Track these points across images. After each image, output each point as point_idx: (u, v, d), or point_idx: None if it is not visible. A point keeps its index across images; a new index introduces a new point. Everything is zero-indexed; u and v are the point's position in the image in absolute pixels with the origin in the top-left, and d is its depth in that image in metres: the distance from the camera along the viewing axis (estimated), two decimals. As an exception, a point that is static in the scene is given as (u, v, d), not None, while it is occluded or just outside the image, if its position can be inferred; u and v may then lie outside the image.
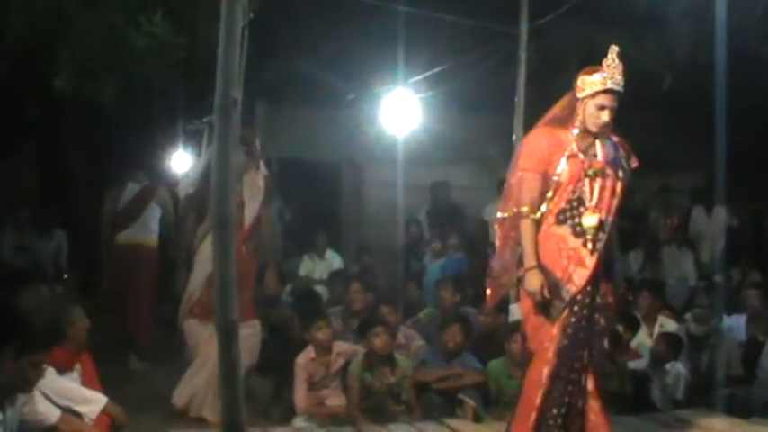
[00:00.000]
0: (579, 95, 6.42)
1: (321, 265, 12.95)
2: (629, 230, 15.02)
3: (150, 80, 10.69)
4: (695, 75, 11.29)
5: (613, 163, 6.47)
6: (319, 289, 12.31)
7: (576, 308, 6.34)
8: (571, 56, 14.60)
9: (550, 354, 6.35)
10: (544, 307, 6.32)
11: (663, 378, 9.33)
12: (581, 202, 6.34)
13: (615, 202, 6.41)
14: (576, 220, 6.32)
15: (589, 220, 6.29)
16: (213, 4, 5.15)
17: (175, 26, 10.38)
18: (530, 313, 6.44)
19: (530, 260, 6.29)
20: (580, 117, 6.43)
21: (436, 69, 12.60)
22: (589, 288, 6.34)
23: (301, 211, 15.29)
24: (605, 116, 6.38)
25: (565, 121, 6.48)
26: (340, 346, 9.23)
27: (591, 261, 6.30)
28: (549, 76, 13.70)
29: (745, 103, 10.25)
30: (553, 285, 6.26)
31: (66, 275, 13.11)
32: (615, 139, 6.62)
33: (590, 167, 6.37)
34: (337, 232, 15.74)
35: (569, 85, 6.60)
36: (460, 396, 8.91)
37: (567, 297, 6.29)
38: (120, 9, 10.32)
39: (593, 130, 6.42)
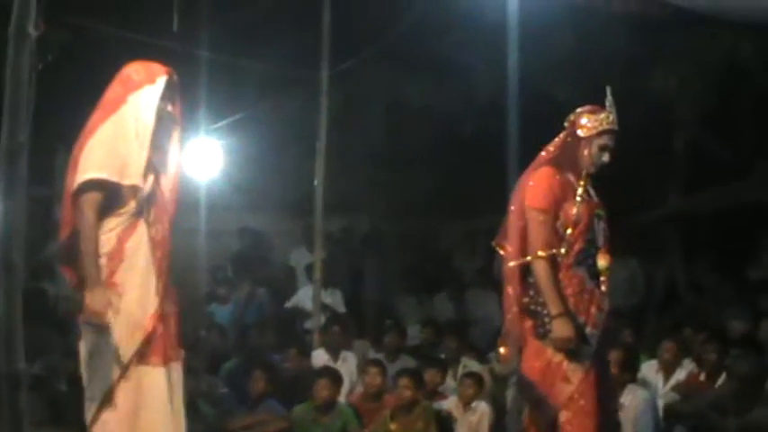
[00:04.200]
0: (582, 134, 6.21)
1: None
2: (433, 273, 15.25)
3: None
4: (496, 119, 11.51)
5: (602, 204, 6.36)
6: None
7: (600, 352, 6.14)
8: (374, 100, 14.78)
9: (591, 405, 6.00)
10: (573, 355, 5.98)
11: (468, 417, 9.40)
12: (594, 243, 6.16)
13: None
14: (590, 261, 6.13)
15: (603, 262, 6.14)
16: (3, 45, 4.99)
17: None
18: (549, 366, 6.03)
19: (557, 306, 5.94)
20: (585, 156, 6.19)
21: (238, 116, 12.55)
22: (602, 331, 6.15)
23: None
24: (606, 157, 6.20)
25: (566, 162, 6.23)
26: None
27: (605, 303, 6.14)
28: (352, 121, 13.85)
29: (542, 144, 10.47)
30: (580, 330, 5.98)
31: None
32: None
33: (597, 208, 6.24)
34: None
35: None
36: (266, 443, 8.82)
37: (593, 342, 6.03)
38: None
39: (592, 170, 6.21)
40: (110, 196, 5.45)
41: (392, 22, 11.40)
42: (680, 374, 9.32)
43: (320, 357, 10.47)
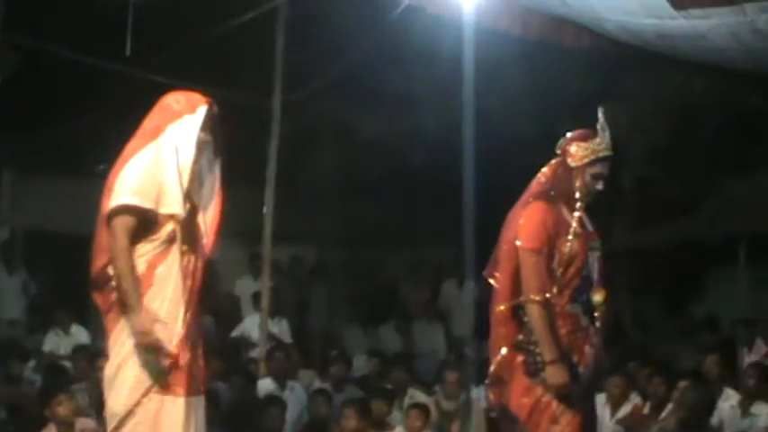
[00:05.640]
0: (574, 164, 5.88)
1: (66, 341, 12.48)
2: (380, 304, 15.23)
3: None
4: (445, 152, 11.55)
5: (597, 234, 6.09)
6: (66, 365, 11.87)
7: (588, 390, 6.01)
8: (325, 130, 14.79)
9: None
10: (565, 397, 5.79)
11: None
12: (588, 278, 5.90)
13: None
14: (585, 296, 5.88)
15: (598, 297, 5.90)
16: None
17: None
18: (538, 405, 5.82)
19: (552, 351, 5.70)
20: (578, 186, 5.86)
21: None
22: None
23: (47, 284, 14.76)
24: (600, 186, 5.90)
25: (558, 193, 5.92)
26: (83, 423, 8.86)
27: (597, 339, 5.93)
28: (303, 150, 13.84)
29: (493, 178, 10.51)
30: (573, 370, 5.79)
31: None
32: None
33: (591, 240, 5.95)
34: (84, 306, 15.29)
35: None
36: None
37: (584, 381, 5.86)
38: None
39: (586, 200, 5.89)
40: (143, 222, 5.41)
41: (346, 53, 11.42)
42: (627, 408, 9.36)
43: (267, 386, 10.40)
